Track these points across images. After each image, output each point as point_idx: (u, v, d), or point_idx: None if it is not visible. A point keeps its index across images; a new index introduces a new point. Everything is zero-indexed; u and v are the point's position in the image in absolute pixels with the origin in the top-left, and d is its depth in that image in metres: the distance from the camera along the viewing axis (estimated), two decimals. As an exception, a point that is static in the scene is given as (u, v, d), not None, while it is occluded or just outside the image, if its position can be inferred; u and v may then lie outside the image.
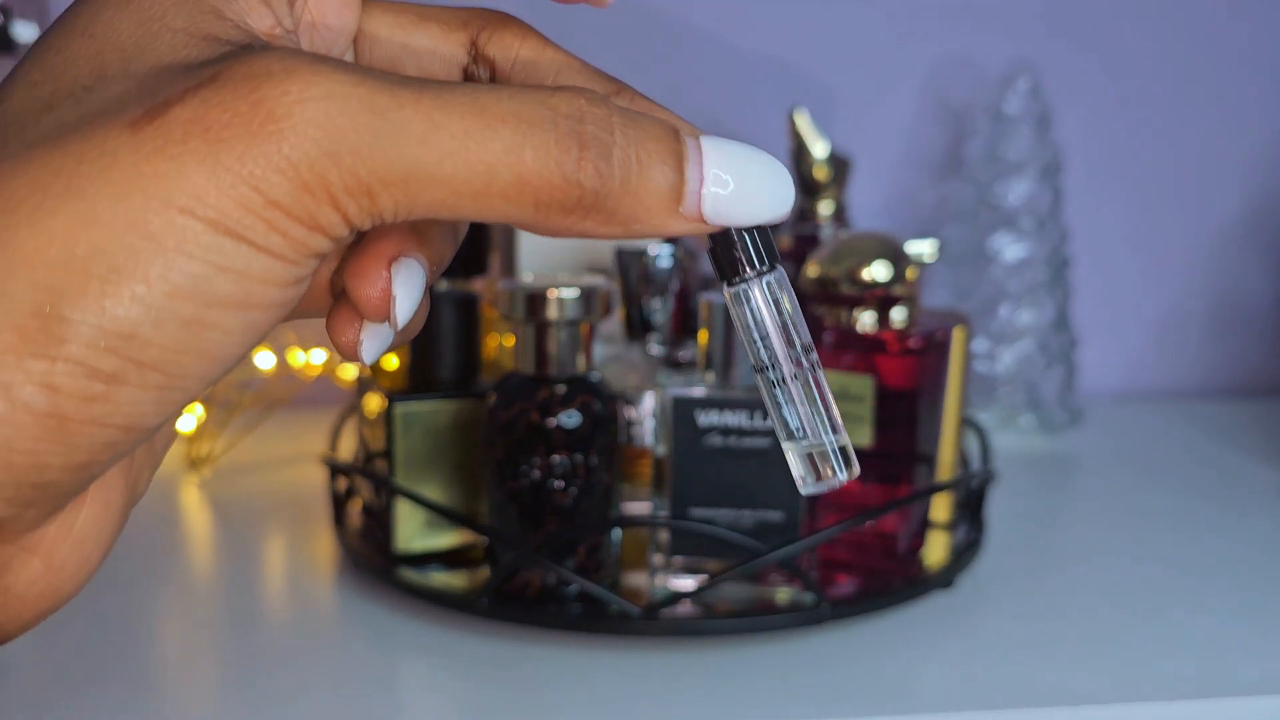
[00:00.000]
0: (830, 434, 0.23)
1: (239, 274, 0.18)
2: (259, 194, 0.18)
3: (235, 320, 0.19)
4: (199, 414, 0.68)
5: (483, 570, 0.49)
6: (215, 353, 0.19)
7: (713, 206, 0.21)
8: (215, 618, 0.49)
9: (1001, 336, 0.77)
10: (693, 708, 0.41)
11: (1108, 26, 0.86)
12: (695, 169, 0.21)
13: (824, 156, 0.70)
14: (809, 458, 0.23)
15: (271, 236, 0.18)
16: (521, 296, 0.45)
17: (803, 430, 0.23)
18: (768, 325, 0.23)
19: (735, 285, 0.23)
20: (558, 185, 0.19)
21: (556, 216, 0.20)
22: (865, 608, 0.47)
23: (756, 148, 0.22)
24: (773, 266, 0.23)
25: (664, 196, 0.21)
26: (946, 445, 0.54)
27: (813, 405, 0.23)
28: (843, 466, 0.23)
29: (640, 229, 0.21)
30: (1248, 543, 0.58)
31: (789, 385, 0.23)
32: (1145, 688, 0.42)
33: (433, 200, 0.19)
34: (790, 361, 0.23)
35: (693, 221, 0.21)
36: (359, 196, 0.19)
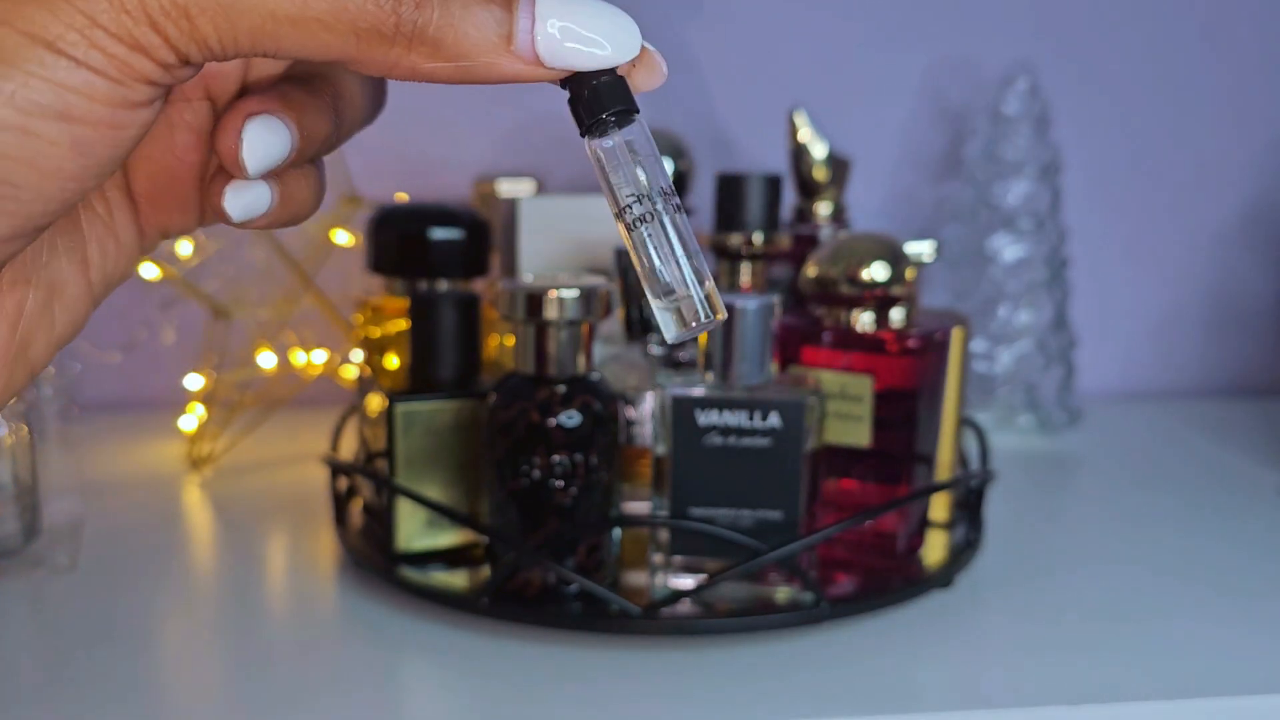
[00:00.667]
0: (692, 276, 0.23)
1: (60, 85, 0.20)
2: (78, 10, 0.19)
3: (60, 132, 0.20)
4: (200, 414, 0.68)
5: (483, 569, 0.49)
6: (44, 164, 0.20)
7: (547, 47, 0.22)
8: (217, 617, 0.49)
9: (1000, 336, 0.77)
10: (692, 706, 0.41)
11: (1106, 27, 0.86)
12: (527, 8, 0.21)
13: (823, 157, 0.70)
14: (674, 306, 0.23)
15: (92, 52, 0.20)
16: (522, 297, 0.45)
17: (663, 271, 0.23)
18: (628, 171, 0.23)
19: (593, 134, 0.23)
20: (372, 11, 0.20)
21: (379, 47, 0.21)
22: (864, 607, 0.47)
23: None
24: (629, 113, 0.23)
25: (493, 32, 0.21)
26: (945, 445, 0.55)
27: (682, 249, 0.23)
28: (705, 310, 0.23)
29: (474, 67, 0.21)
30: (1245, 542, 0.58)
31: (646, 229, 0.23)
32: (1143, 687, 0.43)
33: (253, 27, 0.20)
34: (646, 202, 0.23)
35: (529, 63, 0.22)
36: (177, 19, 0.20)
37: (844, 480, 0.52)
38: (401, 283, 0.57)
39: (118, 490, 0.63)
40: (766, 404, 0.46)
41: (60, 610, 0.48)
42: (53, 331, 0.24)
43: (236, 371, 0.69)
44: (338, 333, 0.71)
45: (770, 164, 0.79)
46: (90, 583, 0.51)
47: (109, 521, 0.58)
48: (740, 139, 0.83)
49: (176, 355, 0.77)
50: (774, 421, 0.46)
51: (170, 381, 0.75)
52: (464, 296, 0.52)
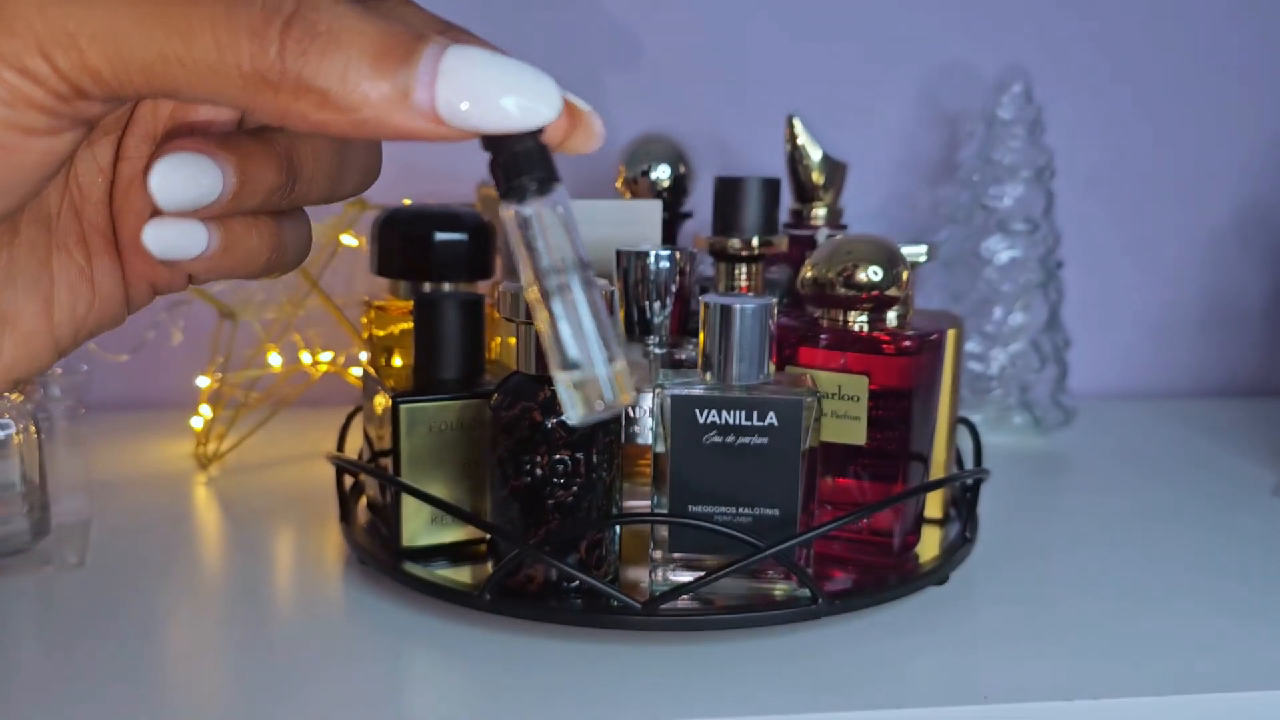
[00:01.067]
0: (599, 355, 0.21)
1: None
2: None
3: None
4: (207, 413, 0.68)
5: (486, 566, 0.50)
6: None
7: (448, 108, 0.20)
8: (224, 613, 0.49)
9: (995, 337, 0.78)
10: (692, 700, 0.41)
11: (1100, 32, 0.87)
12: (429, 64, 0.20)
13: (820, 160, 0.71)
14: (579, 384, 0.21)
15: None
16: (524, 298, 0.46)
17: (567, 349, 0.21)
18: (543, 241, 0.22)
19: (510, 200, 0.21)
20: (257, 55, 0.20)
21: (267, 93, 0.20)
22: (861, 602, 0.47)
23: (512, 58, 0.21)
24: (549, 181, 0.21)
25: (388, 86, 0.20)
26: (940, 444, 0.55)
27: (583, 323, 0.21)
28: (610, 391, 0.21)
29: (367, 120, 0.20)
30: (1239, 541, 0.58)
31: (558, 300, 0.21)
32: (1137, 683, 0.43)
33: (144, 65, 0.20)
34: (556, 275, 0.21)
35: (428, 120, 0.20)
36: (67, 49, 0.20)
37: (840, 478, 0.53)
38: (406, 285, 0.58)
39: (125, 489, 0.64)
40: (764, 403, 0.47)
41: (68, 607, 0.49)
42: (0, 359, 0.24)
43: (243, 372, 0.70)
44: (343, 334, 0.71)
45: (768, 167, 0.80)
46: (98, 580, 0.51)
47: (117, 520, 0.59)
48: (738, 143, 0.84)
49: (184, 356, 0.78)
50: (772, 420, 0.47)
51: (178, 381, 0.76)
52: (467, 298, 0.52)
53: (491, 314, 0.58)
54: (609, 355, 0.21)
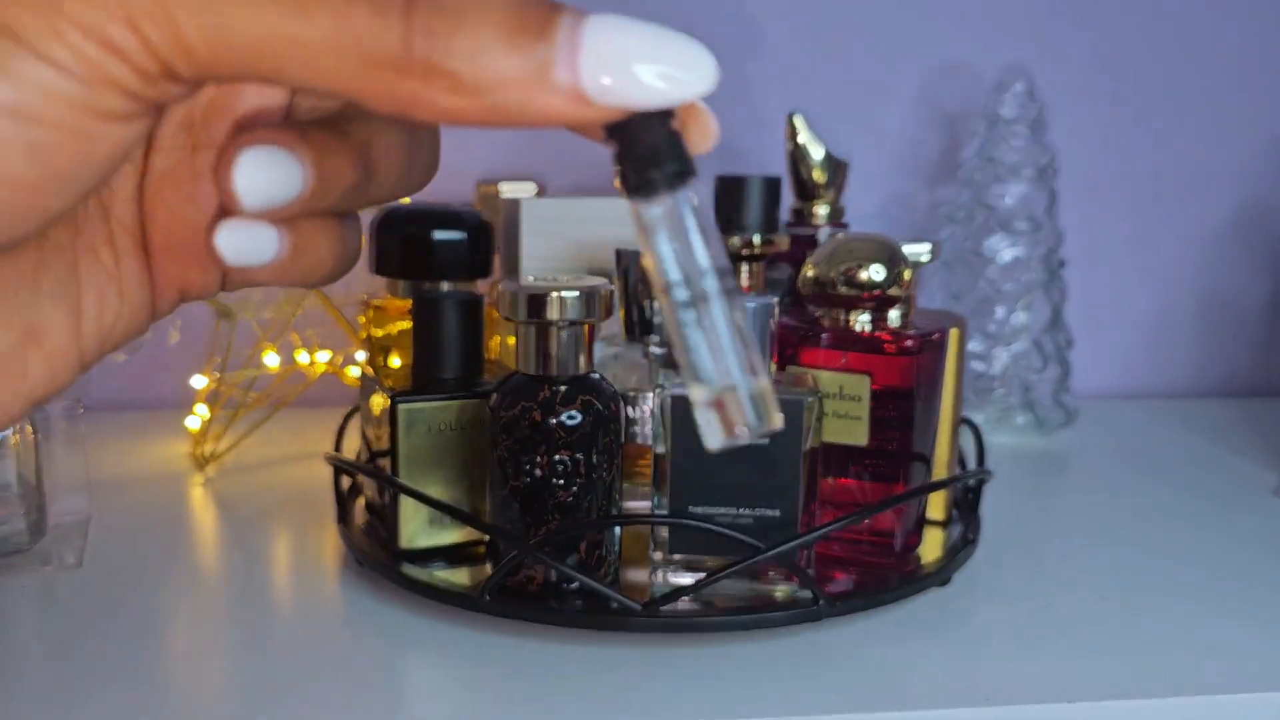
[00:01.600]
0: (743, 373, 0.19)
1: (14, 77, 0.17)
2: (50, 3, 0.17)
3: (13, 132, 0.17)
4: (204, 413, 0.68)
5: (485, 567, 0.50)
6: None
7: (594, 80, 0.18)
8: (222, 614, 0.49)
9: (997, 337, 0.78)
10: (692, 702, 0.41)
11: (1102, 30, 0.87)
12: (569, 35, 0.18)
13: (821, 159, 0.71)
14: (718, 404, 0.19)
15: (54, 45, 0.17)
16: (523, 297, 0.46)
17: (717, 369, 0.19)
18: (681, 241, 0.20)
19: (643, 194, 0.19)
20: (379, 34, 0.17)
21: (391, 78, 0.18)
22: (862, 604, 0.47)
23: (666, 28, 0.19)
24: (686, 173, 0.19)
25: (527, 62, 0.18)
26: (942, 444, 0.55)
27: (723, 338, 0.19)
28: (755, 416, 0.19)
29: (504, 104, 0.18)
30: (1240, 541, 0.58)
31: (694, 311, 0.19)
32: (1139, 684, 0.43)
33: (249, 43, 0.18)
34: (696, 282, 0.19)
35: (570, 99, 0.18)
36: (159, 20, 0.17)
37: (842, 479, 0.53)
38: (405, 284, 0.58)
39: (123, 489, 0.64)
40: (765, 403, 0.46)
41: (67, 607, 0.49)
42: (24, 381, 0.21)
43: (241, 371, 0.70)
44: (341, 333, 0.71)
45: (769, 166, 0.80)
46: (96, 580, 0.51)
47: (115, 520, 0.59)
48: (739, 142, 0.84)
49: (182, 356, 0.78)
50: (772, 421, 0.46)
51: (175, 381, 0.76)
52: (466, 297, 0.52)
53: (491, 313, 0.58)
54: (752, 373, 0.19)
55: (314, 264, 0.23)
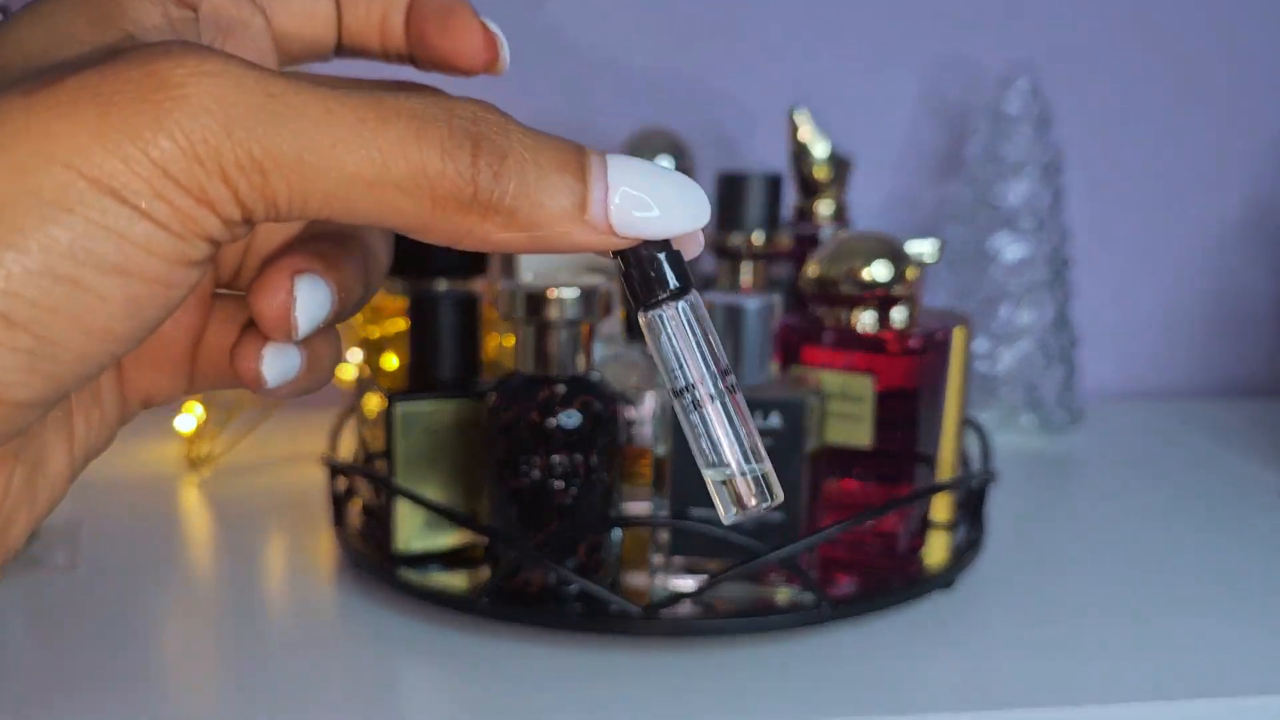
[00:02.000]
0: (750, 459, 0.22)
1: (120, 236, 0.18)
2: (146, 157, 0.18)
3: (114, 288, 0.18)
4: (199, 414, 0.68)
5: (483, 570, 0.49)
6: (90, 321, 0.18)
7: (621, 216, 0.21)
8: (215, 617, 0.49)
9: (1002, 336, 0.77)
10: (693, 707, 0.41)
11: (1107, 27, 0.86)
12: (600, 177, 0.21)
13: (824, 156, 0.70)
14: (729, 485, 0.22)
15: (157, 203, 0.18)
16: (522, 297, 0.45)
17: (722, 458, 0.22)
18: (683, 349, 0.22)
19: (650, 309, 0.22)
20: (451, 177, 0.19)
21: (455, 214, 0.20)
22: (865, 607, 0.47)
23: (664, 168, 0.22)
24: (687, 288, 0.22)
25: (568, 201, 0.20)
26: (947, 445, 0.55)
27: (732, 431, 0.22)
28: (762, 494, 0.22)
29: (547, 237, 0.20)
30: (1247, 543, 0.58)
31: (705, 411, 0.22)
32: (1146, 687, 0.43)
33: (327, 188, 0.19)
34: (707, 386, 0.22)
35: (602, 232, 0.21)
36: (251, 173, 0.18)
37: (845, 480, 0.52)
38: (401, 282, 0.57)
39: (116, 491, 0.63)
40: (767, 404, 0.46)
41: (59, 610, 0.48)
42: (34, 509, 0.22)
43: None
44: (337, 333, 0.70)
45: (771, 163, 0.79)
46: (89, 583, 0.51)
47: (108, 522, 0.58)
48: (741, 138, 0.83)
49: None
50: (775, 421, 0.46)
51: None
52: (464, 296, 0.52)
53: (488, 312, 0.57)
54: (755, 458, 0.22)
55: (321, 372, 0.24)
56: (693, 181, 0.22)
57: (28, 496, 0.22)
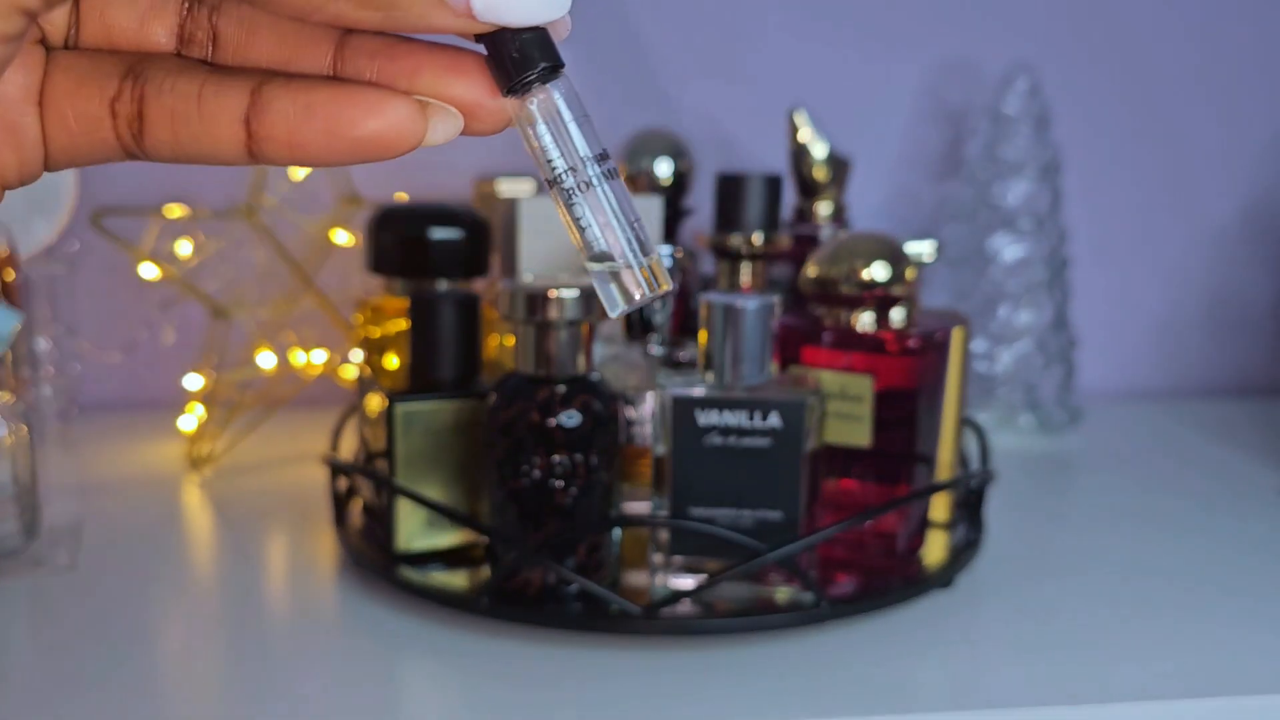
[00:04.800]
0: (637, 251, 0.21)
1: None
2: None
3: None
4: (200, 414, 0.68)
5: (483, 569, 0.49)
6: None
7: (482, 3, 0.20)
8: (216, 617, 0.49)
9: (1000, 337, 0.77)
10: (692, 707, 0.41)
11: (1107, 27, 0.86)
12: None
13: (823, 157, 0.70)
14: (616, 278, 0.21)
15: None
16: (522, 297, 0.45)
17: (601, 246, 0.21)
18: (557, 133, 0.21)
19: (516, 92, 0.21)
20: None
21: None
22: (865, 607, 0.47)
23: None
24: (555, 69, 0.21)
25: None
26: (945, 445, 0.55)
27: (616, 218, 0.21)
28: (654, 283, 0.21)
29: (402, 15, 0.20)
30: (1246, 543, 0.58)
31: (583, 194, 0.21)
32: (1144, 687, 0.43)
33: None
34: (584, 168, 0.21)
35: (460, 14, 0.20)
36: None
37: (844, 480, 0.52)
38: (401, 283, 0.57)
39: (118, 490, 0.63)
40: (767, 404, 0.46)
41: (60, 610, 0.48)
42: None
43: (236, 371, 0.69)
44: (338, 333, 0.71)
45: (770, 164, 0.79)
46: (90, 583, 0.51)
47: (109, 521, 0.58)
48: (740, 139, 0.83)
49: (176, 355, 0.77)
50: (774, 421, 0.46)
51: (170, 381, 0.75)
52: (464, 296, 0.52)
53: (488, 313, 0.57)
54: (642, 246, 0.21)
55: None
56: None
57: None
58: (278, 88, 0.21)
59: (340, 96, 0.21)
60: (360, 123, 0.21)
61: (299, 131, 0.21)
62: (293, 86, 0.21)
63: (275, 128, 0.21)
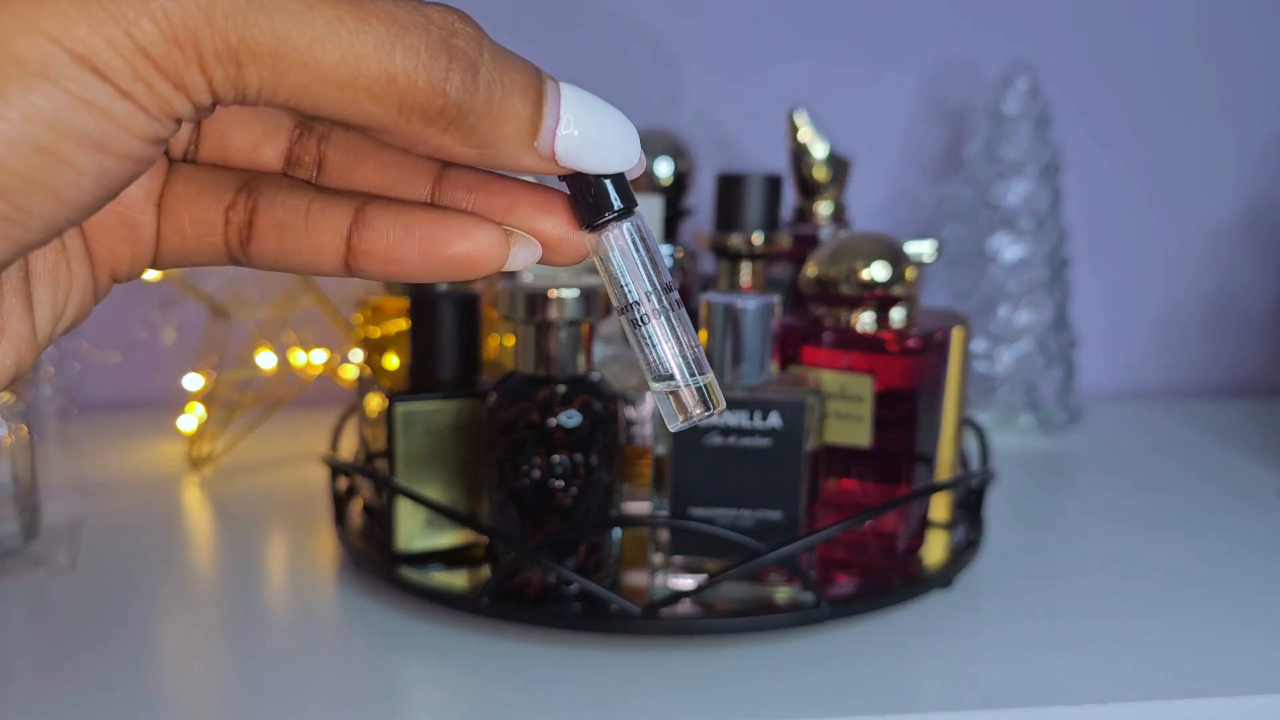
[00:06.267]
0: (694, 370, 0.23)
1: (100, 112, 0.18)
2: (129, 38, 0.18)
3: (90, 162, 0.19)
4: (200, 414, 0.68)
5: (483, 569, 0.49)
6: (64, 193, 0.19)
7: (565, 147, 0.21)
8: (216, 617, 0.49)
9: (1000, 336, 0.77)
10: (692, 707, 0.41)
11: (1106, 27, 0.86)
12: (553, 107, 0.21)
13: (823, 156, 0.70)
14: (674, 396, 0.23)
15: (136, 84, 0.18)
16: (522, 297, 0.45)
17: (666, 367, 0.23)
18: (628, 267, 0.23)
19: (594, 230, 0.23)
20: (423, 89, 0.20)
21: (418, 123, 0.20)
22: (864, 607, 0.47)
23: (609, 104, 0.22)
24: (630, 209, 0.23)
25: (522, 126, 0.21)
26: (945, 445, 0.55)
27: (676, 345, 0.23)
28: (707, 402, 0.23)
29: (496, 155, 0.21)
30: (1245, 542, 0.58)
31: (652, 324, 0.23)
32: (1143, 686, 0.43)
33: (298, 83, 0.19)
34: (651, 300, 0.23)
35: (546, 159, 0.21)
36: (226, 64, 0.19)
37: (844, 480, 0.52)
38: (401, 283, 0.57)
39: (117, 490, 0.63)
40: (767, 404, 0.46)
41: (60, 610, 0.48)
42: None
43: (236, 371, 0.69)
44: (338, 333, 0.70)
45: (770, 164, 0.79)
46: (90, 583, 0.51)
47: (109, 521, 0.58)
48: (740, 138, 0.83)
49: (176, 355, 0.77)
50: (774, 421, 0.46)
51: (170, 381, 0.75)
52: (464, 296, 0.52)
53: (488, 312, 0.57)
54: (699, 369, 0.23)
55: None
56: (629, 122, 0.23)
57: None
58: (380, 208, 0.23)
59: (437, 219, 0.22)
60: (452, 244, 0.22)
61: (397, 249, 0.22)
62: (394, 208, 0.23)
63: (375, 244, 0.22)
